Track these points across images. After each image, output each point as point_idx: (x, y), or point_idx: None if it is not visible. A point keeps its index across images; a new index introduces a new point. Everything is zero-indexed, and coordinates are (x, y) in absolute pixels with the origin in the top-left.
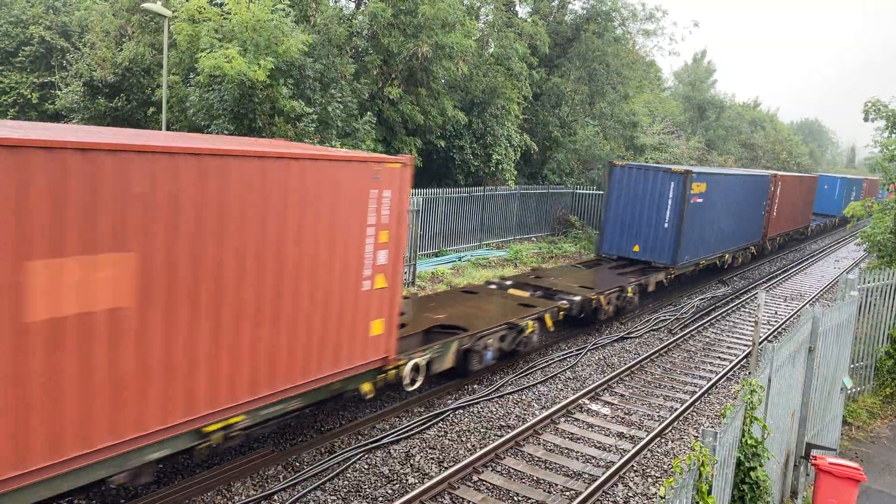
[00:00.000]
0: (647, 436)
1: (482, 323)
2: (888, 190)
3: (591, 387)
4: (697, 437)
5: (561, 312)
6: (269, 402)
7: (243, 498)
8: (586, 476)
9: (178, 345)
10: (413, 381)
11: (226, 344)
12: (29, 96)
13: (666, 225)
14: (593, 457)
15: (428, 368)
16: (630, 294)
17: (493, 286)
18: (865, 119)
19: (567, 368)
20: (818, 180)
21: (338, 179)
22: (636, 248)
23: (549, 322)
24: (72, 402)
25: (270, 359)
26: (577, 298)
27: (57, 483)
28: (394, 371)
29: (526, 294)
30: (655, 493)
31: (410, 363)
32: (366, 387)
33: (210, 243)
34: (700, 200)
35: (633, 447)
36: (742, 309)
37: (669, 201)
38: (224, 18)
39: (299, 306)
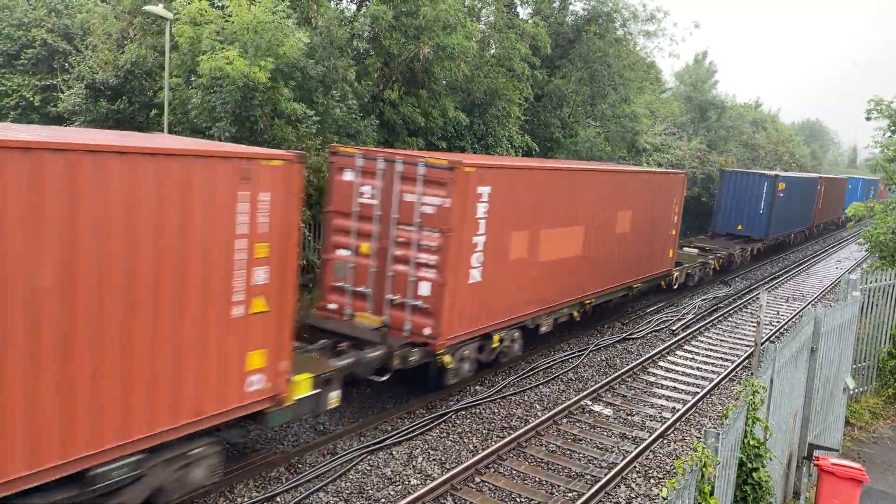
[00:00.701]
0: (649, 437)
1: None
2: (891, 190)
3: (593, 388)
4: (699, 437)
5: (721, 260)
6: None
7: (246, 499)
8: (588, 477)
9: None
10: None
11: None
12: (31, 99)
13: (761, 211)
14: (595, 458)
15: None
16: (741, 253)
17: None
18: (868, 118)
19: (569, 369)
20: (847, 181)
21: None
22: (739, 227)
23: (716, 264)
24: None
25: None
26: (725, 252)
27: None
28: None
29: (695, 251)
30: (658, 494)
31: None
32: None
33: None
34: (782, 195)
35: (635, 448)
36: (744, 310)
37: (763, 195)
38: (225, 20)
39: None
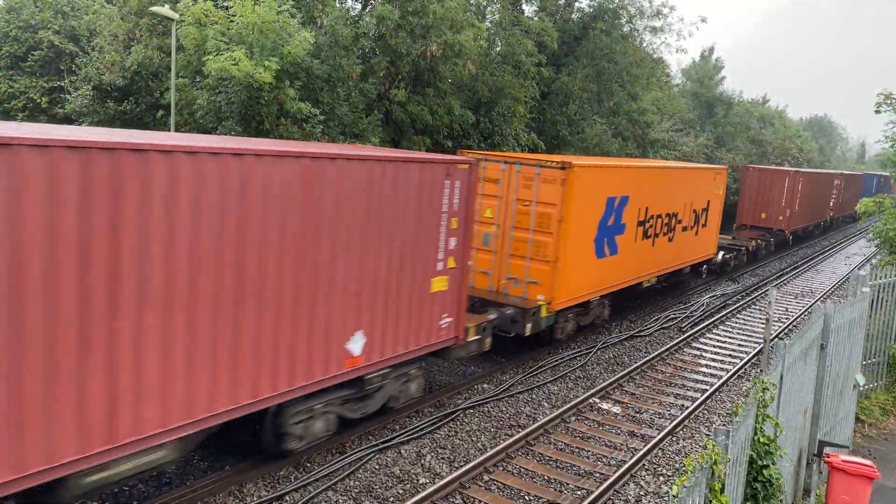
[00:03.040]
0: (658, 434)
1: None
2: None
3: (601, 385)
4: (709, 435)
5: (755, 243)
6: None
7: (255, 498)
8: (597, 475)
9: None
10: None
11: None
12: (38, 100)
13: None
14: (604, 456)
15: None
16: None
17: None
18: (877, 111)
19: (577, 367)
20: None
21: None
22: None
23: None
24: None
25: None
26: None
27: None
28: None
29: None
30: (667, 492)
31: None
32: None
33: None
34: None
35: (644, 446)
36: (752, 306)
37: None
38: (230, 21)
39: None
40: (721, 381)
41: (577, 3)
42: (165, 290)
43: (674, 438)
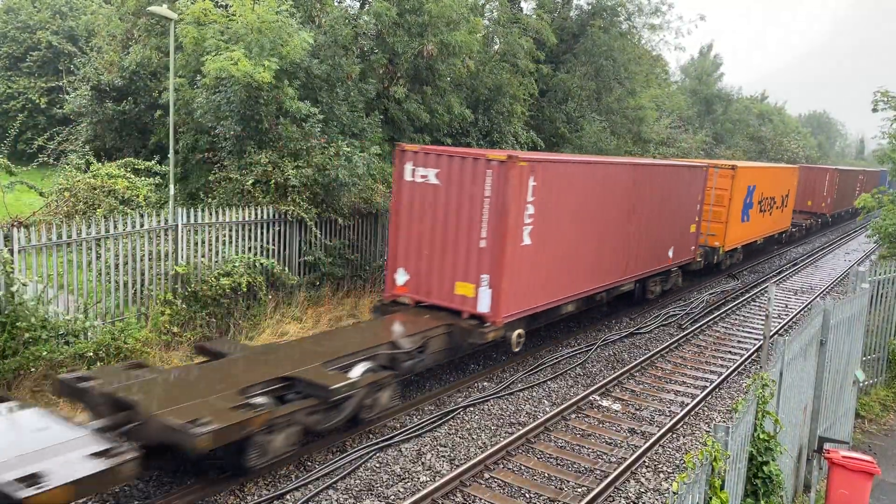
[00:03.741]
0: (658, 431)
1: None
2: None
3: (601, 383)
4: (709, 431)
5: (809, 222)
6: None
7: (255, 498)
8: (598, 472)
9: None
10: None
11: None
12: (37, 101)
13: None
14: (604, 453)
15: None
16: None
17: None
18: (874, 109)
19: (577, 365)
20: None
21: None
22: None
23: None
24: None
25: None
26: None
27: None
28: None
29: None
30: (668, 489)
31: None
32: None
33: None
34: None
35: (644, 443)
36: (752, 303)
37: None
38: (229, 20)
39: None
40: (721, 377)
41: (575, 1)
42: (590, 224)
43: (674, 435)
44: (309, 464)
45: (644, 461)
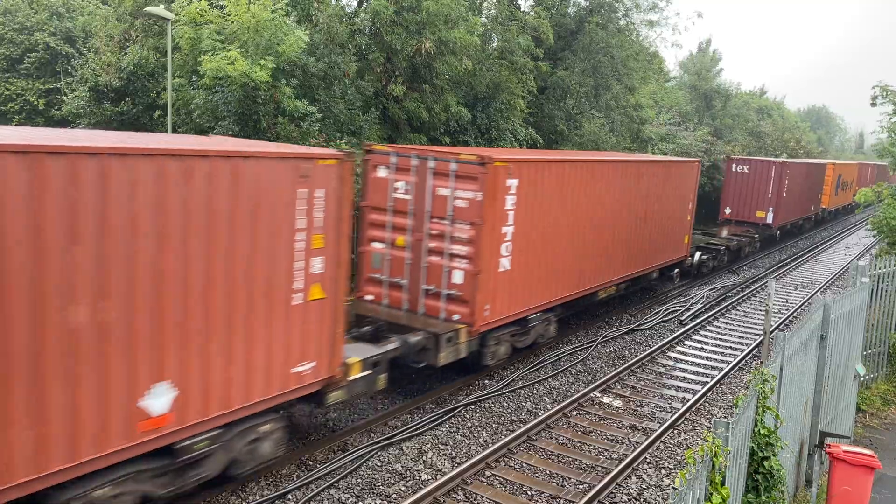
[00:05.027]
0: (659, 427)
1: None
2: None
3: (602, 379)
4: (710, 427)
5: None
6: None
7: (258, 497)
8: (599, 469)
9: None
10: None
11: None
12: (35, 102)
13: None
14: (606, 449)
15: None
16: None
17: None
18: (873, 104)
19: (578, 362)
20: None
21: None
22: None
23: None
24: None
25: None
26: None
27: None
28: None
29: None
30: (669, 485)
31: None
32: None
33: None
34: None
35: (645, 439)
36: (752, 298)
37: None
38: (225, 20)
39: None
40: (722, 373)
41: None
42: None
43: (675, 431)
44: (310, 463)
45: (645, 457)
